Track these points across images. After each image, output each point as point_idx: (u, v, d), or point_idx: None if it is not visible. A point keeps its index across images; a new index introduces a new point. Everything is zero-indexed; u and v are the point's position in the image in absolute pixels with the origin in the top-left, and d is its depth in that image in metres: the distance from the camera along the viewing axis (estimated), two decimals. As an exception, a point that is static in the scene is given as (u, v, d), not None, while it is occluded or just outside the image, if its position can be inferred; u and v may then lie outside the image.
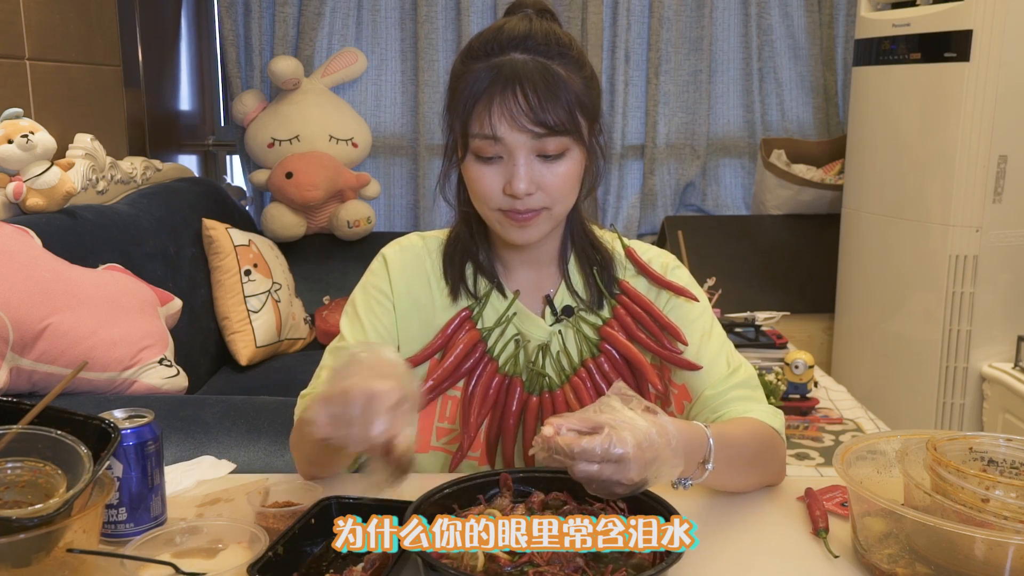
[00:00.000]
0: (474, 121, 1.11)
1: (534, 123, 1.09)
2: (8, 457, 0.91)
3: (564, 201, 1.16)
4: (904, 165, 2.84)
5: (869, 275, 3.04)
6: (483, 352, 1.23)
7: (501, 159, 1.12)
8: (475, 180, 1.14)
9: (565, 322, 1.25)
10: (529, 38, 1.12)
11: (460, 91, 1.13)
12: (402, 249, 1.27)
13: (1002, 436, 1.02)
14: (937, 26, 2.68)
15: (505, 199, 1.13)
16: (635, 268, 1.28)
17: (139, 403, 1.51)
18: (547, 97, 1.09)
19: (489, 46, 1.13)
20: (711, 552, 1.01)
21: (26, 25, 2.32)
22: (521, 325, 1.25)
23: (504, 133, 1.10)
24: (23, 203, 2.11)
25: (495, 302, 1.25)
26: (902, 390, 2.90)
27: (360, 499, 1.04)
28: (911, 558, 0.95)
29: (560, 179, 1.13)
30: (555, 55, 1.12)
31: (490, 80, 1.10)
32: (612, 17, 3.52)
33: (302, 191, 3.16)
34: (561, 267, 1.26)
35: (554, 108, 1.09)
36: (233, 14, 3.43)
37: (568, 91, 1.11)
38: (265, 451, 1.66)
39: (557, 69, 1.11)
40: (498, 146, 1.11)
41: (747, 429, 1.14)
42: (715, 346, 1.24)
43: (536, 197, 1.13)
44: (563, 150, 1.12)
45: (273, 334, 2.76)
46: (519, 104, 1.09)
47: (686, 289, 1.26)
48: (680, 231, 3.37)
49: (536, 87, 1.09)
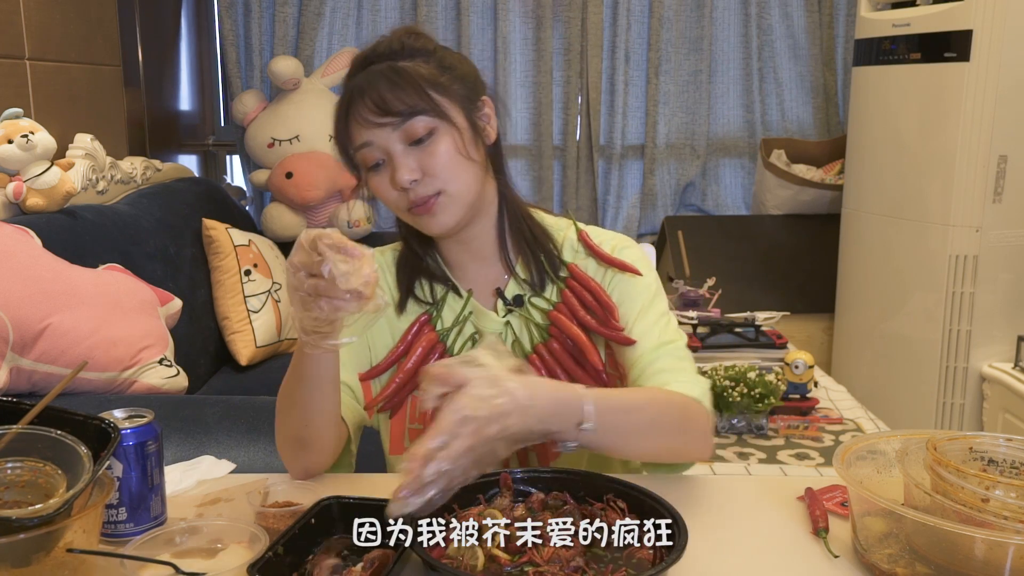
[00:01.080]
0: (348, 138, 1.19)
1: (383, 115, 1.14)
2: (8, 457, 0.91)
3: (455, 180, 1.18)
4: (904, 165, 2.84)
5: (869, 275, 3.04)
6: (442, 352, 1.27)
7: (384, 162, 1.17)
8: (375, 191, 1.21)
9: (516, 313, 1.28)
10: (374, 51, 1.19)
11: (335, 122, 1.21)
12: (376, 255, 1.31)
13: (1002, 436, 1.02)
14: (937, 26, 2.68)
15: (403, 196, 1.18)
16: (585, 250, 1.30)
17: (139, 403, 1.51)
18: (389, 88, 1.14)
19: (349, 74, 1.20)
20: (711, 552, 1.01)
21: (26, 25, 2.32)
22: (477, 322, 1.28)
23: (366, 135, 1.16)
24: (23, 203, 2.11)
25: (452, 303, 1.29)
26: (902, 390, 2.90)
27: (361, 499, 1.04)
28: (911, 558, 0.95)
29: (437, 158, 1.16)
30: (399, 55, 1.18)
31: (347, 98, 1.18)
32: (612, 17, 3.52)
33: (302, 191, 3.16)
34: (504, 259, 1.29)
35: (397, 95, 1.14)
36: (233, 14, 3.43)
37: (411, 77, 1.15)
38: (265, 451, 1.66)
39: (401, 65, 1.16)
40: (375, 151, 1.17)
41: (646, 395, 1.15)
42: (649, 320, 1.25)
43: (424, 183, 1.17)
44: (431, 129, 1.16)
45: (273, 334, 2.76)
46: (366, 104, 1.15)
47: (630, 264, 1.27)
48: (680, 231, 3.37)
49: (379, 85, 1.15)
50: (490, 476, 1.04)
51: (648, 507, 0.97)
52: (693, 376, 1.21)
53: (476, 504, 1.01)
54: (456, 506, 1.00)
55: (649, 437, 1.13)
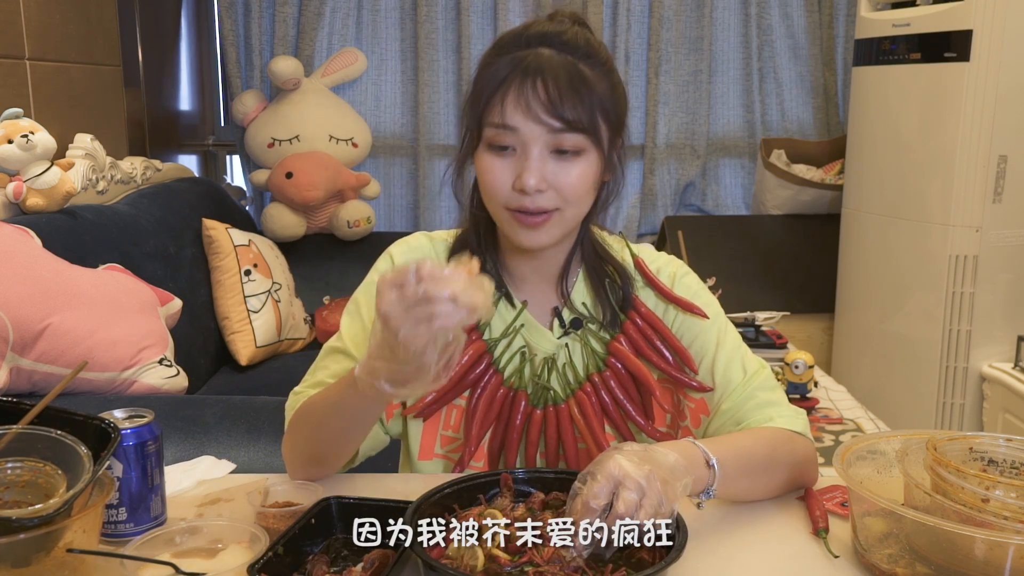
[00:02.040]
0: (490, 110, 1.08)
1: (552, 115, 1.06)
2: (8, 457, 0.91)
3: (577, 205, 1.12)
4: (904, 165, 2.84)
5: (869, 275, 3.04)
6: (488, 363, 1.20)
7: (514, 151, 1.09)
8: (485, 172, 1.10)
9: (573, 335, 1.22)
10: (559, 36, 1.09)
11: (482, 80, 1.10)
12: (410, 249, 1.25)
13: (1002, 436, 1.02)
14: (937, 26, 2.68)
15: (515, 196, 1.09)
16: (643, 280, 1.24)
17: (139, 403, 1.51)
18: (568, 91, 1.06)
19: (517, 40, 1.10)
20: (711, 552, 1.01)
21: (26, 25, 2.32)
22: (529, 336, 1.22)
23: (519, 123, 1.07)
24: (23, 203, 2.11)
25: (502, 311, 1.22)
26: (902, 390, 2.90)
27: (361, 499, 1.04)
28: (911, 558, 0.95)
29: (575, 180, 1.09)
30: (583, 56, 1.09)
31: (511, 69, 1.07)
32: (612, 17, 3.52)
33: (302, 191, 3.16)
34: (562, 283, 1.23)
35: (574, 103, 1.06)
36: (233, 14, 3.43)
37: (592, 91, 1.07)
38: (265, 451, 1.66)
39: (583, 69, 1.08)
40: (512, 136, 1.08)
41: (754, 437, 1.13)
42: (727, 355, 1.21)
43: (547, 196, 1.09)
44: (580, 149, 1.08)
45: (273, 334, 2.76)
46: (537, 94, 1.05)
47: (694, 305, 1.22)
48: (680, 231, 3.37)
49: (558, 80, 1.06)
50: (490, 476, 1.04)
51: None
52: (789, 408, 1.19)
53: (476, 504, 1.00)
54: (456, 506, 0.99)
55: (767, 476, 1.12)
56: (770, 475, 1.12)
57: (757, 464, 1.10)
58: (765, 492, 1.13)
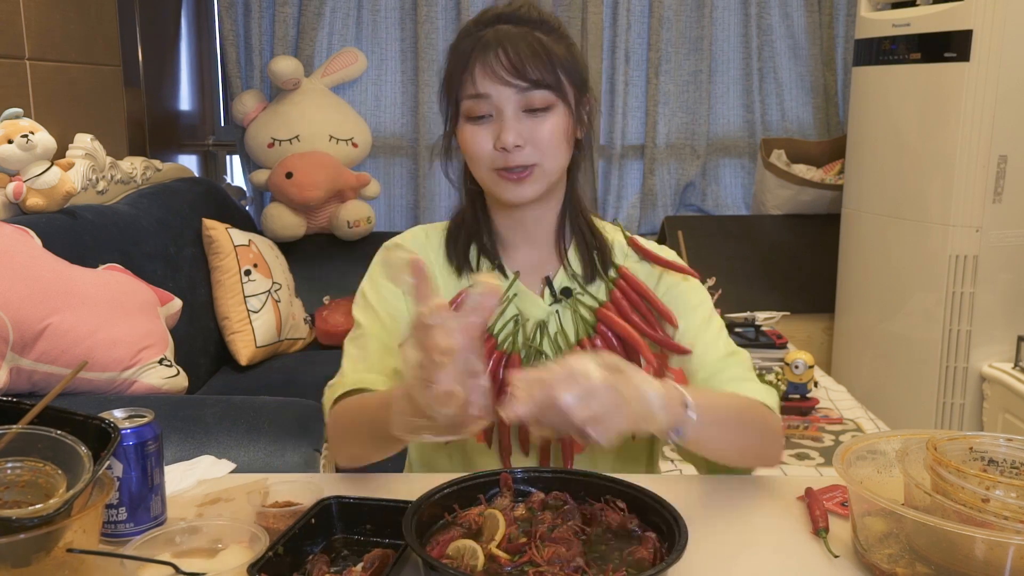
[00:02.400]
0: (464, 85, 1.19)
1: (517, 76, 1.16)
2: (8, 457, 0.91)
3: (553, 157, 1.21)
4: (904, 165, 2.84)
5: (869, 275, 3.04)
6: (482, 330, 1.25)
7: (491, 117, 1.19)
8: (468, 142, 1.20)
9: (564, 303, 1.28)
10: (514, 13, 1.22)
11: (450, 64, 1.22)
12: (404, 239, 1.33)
13: (1002, 436, 1.02)
14: (937, 26, 2.68)
15: (498, 156, 1.19)
16: (637, 254, 1.31)
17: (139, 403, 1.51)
18: (528, 54, 1.17)
19: (476, 24, 1.23)
20: (711, 552, 1.01)
21: (26, 25, 2.32)
22: (521, 305, 1.28)
23: (489, 89, 1.17)
24: (23, 203, 2.11)
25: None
26: (902, 390, 2.90)
27: (361, 499, 1.04)
28: (911, 558, 0.95)
29: (548, 133, 1.18)
30: (538, 26, 1.21)
31: (474, 45, 1.19)
32: (612, 17, 3.52)
33: (302, 191, 3.16)
34: (559, 249, 1.30)
35: (535, 64, 1.17)
36: (233, 14, 3.43)
37: (550, 53, 1.18)
38: (265, 451, 1.66)
39: (540, 36, 1.19)
40: (486, 104, 1.18)
41: (729, 395, 1.18)
42: (713, 330, 1.28)
43: (526, 152, 1.18)
44: (548, 104, 1.18)
45: (273, 334, 2.76)
46: (500, 60, 1.16)
47: (681, 265, 1.30)
48: (680, 231, 3.37)
49: (517, 46, 1.17)
50: (490, 476, 1.04)
51: (648, 507, 0.98)
52: (762, 385, 1.24)
53: (476, 504, 1.01)
54: (456, 506, 1.00)
55: (736, 434, 1.15)
56: (738, 433, 1.16)
57: (728, 418, 1.13)
58: (733, 451, 1.16)
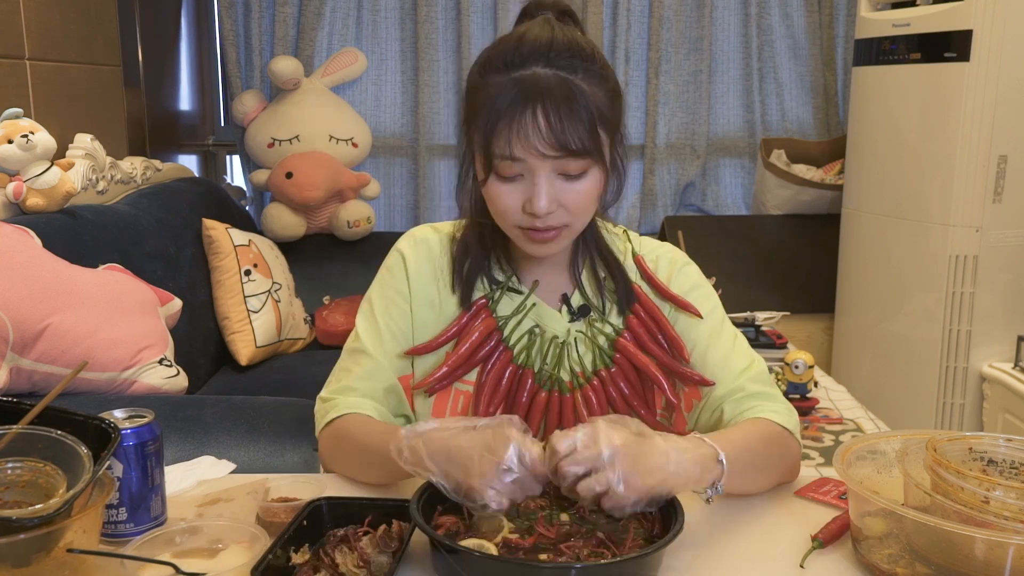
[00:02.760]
0: (496, 141, 1.10)
1: (555, 147, 1.08)
2: (8, 457, 0.91)
3: (584, 218, 1.17)
4: (904, 165, 2.84)
5: (869, 275, 3.04)
6: (499, 340, 1.24)
7: (522, 177, 1.12)
8: (496, 198, 1.14)
9: (581, 322, 1.26)
10: (551, 49, 1.10)
11: (480, 105, 1.11)
12: (416, 244, 1.28)
13: (1002, 436, 1.03)
14: (937, 26, 2.68)
15: (525, 216, 1.13)
16: (642, 277, 1.28)
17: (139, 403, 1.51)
18: (568, 117, 1.07)
19: (509, 57, 1.11)
20: (710, 552, 1.01)
21: (26, 25, 2.32)
22: (539, 318, 1.26)
23: (523, 155, 1.09)
24: (23, 203, 2.11)
25: (511, 293, 1.26)
26: (902, 390, 2.90)
27: (352, 499, 1.05)
28: (911, 558, 0.95)
29: (581, 196, 1.13)
30: (578, 68, 1.10)
31: (511, 99, 1.08)
32: (612, 17, 3.52)
33: (302, 191, 3.16)
34: (573, 271, 1.27)
35: (575, 129, 1.08)
36: (233, 14, 3.43)
37: (590, 107, 1.09)
38: (265, 451, 1.66)
39: (580, 84, 1.09)
40: (519, 165, 1.10)
41: (753, 431, 1.15)
42: (724, 345, 1.25)
43: (557, 215, 1.13)
44: (584, 170, 1.12)
45: (273, 334, 2.76)
46: (539, 127, 1.07)
47: (689, 304, 1.26)
48: (680, 231, 3.37)
49: (558, 106, 1.07)
50: None
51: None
52: (781, 403, 1.22)
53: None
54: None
55: (762, 471, 1.14)
56: (767, 471, 1.15)
57: (758, 460, 1.12)
58: (759, 488, 1.16)
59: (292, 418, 1.75)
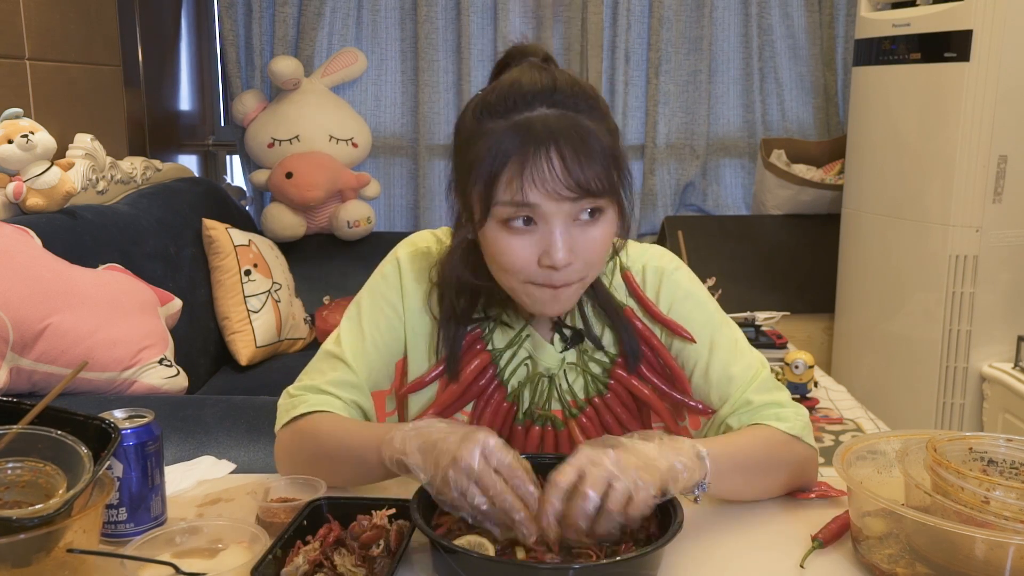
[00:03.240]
0: (501, 187, 1.00)
1: (573, 188, 0.99)
2: (8, 457, 0.91)
3: (598, 268, 1.10)
4: (904, 165, 2.84)
5: (869, 275, 3.04)
6: (493, 375, 1.19)
7: (533, 227, 1.02)
8: (503, 252, 1.04)
9: (574, 353, 1.20)
10: (555, 90, 1.02)
11: (481, 153, 1.01)
12: (416, 255, 1.21)
13: (1002, 436, 1.02)
14: (937, 26, 2.68)
15: (541, 272, 1.04)
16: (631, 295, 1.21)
17: (139, 403, 1.51)
18: (584, 156, 0.99)
19: (509, 101, 1.02)
20: (710, 552, 1.01)
21: (26, 25, 2.32)
22: (532, 349, 1.20)
23: (538, 199, 1.00)
24: (23, 203, 2.11)
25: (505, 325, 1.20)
26: (902, 390, 2.90)
27: (352, 499, 1.05)
28: (911, 558, 0.95)
29: (596, 244, 1.05)
30: (583, 108, 1.03)
31: (519, 141, 0.99)
32: (612, 17, 3.52)
33: (302, 191, 3.16)
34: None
35: (590, 168, 1.00)
36: (233, 14, 3.43)
37: (602, 145, 1.01)
38: (265, 451, 1.66)
39: (586, 123, 1.02)
40: (530, 213, 1.01)
41: (748, 433, 1.13)
42: (724, 358, 1.19)
43: (574, 267, 1.04)
44: (600, 213, 1.04)
45: (273, 334, 2.76)
46: (554, 167, 0.98)
47: (681, 328, 1.19)
48: (680, 231, 3.37)
49: (572, 145, 0.99)
50: None
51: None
52: (788, 409, 1.16)
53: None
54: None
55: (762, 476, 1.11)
56: (768, 474, 1.12)
57: (753, 462, 1.10)
58: (764, 492, 1.13)
59: (292, 418, 1.75)
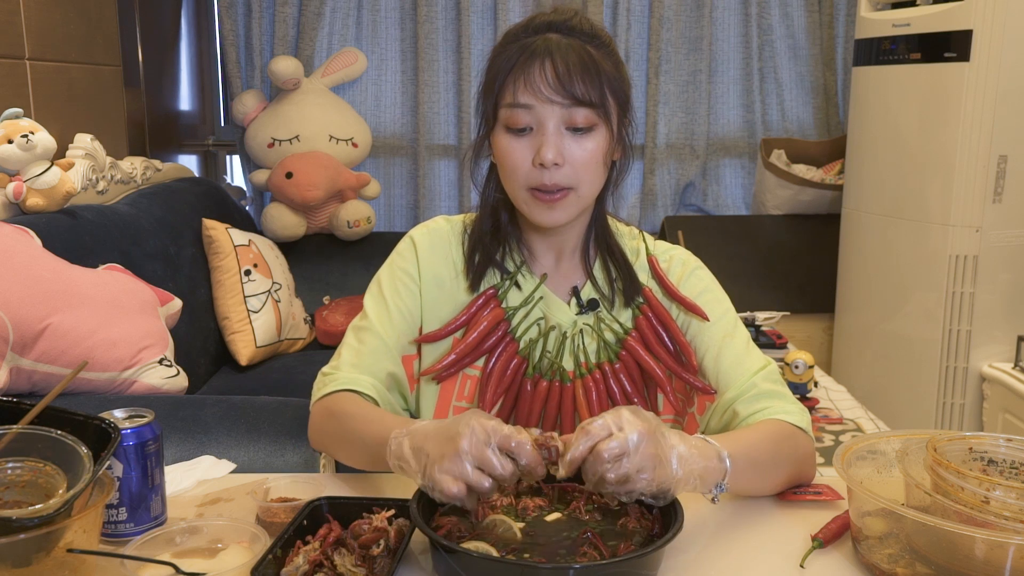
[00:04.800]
0: (505, 93, 1.15)
1: (563, 92, 1.12)
2: (8, 457, 0.91)
3: (590, 182, 1.18)
4: (904, 165, 2.84)
5: (869, 275, 3.04)
6: (505, 331, 1.25)
7: (531, 130, 1.15)
8: (505, 153, 1.17)
9: (590, 315, 1.26)
10: (565, 23, 1.17)
11: (492, 69, 1.18)
12: (429, 232, 1.30)
13: (1002, 436, 1.03)
14: (937, 26, 2.68)
15: (534, 173, 1.15)
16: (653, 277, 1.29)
17: (139, 403, 1.51)
18: (578, 68, 1.12)
19: (524, 29, 1.18)
20: (709, 552, 1.01)
21: (26, 25, 2.32)
22: (547, 309, 1.27)
23: (532, 101, 1.13)
24: (23, 203, 2.11)
25: (520, 284, 1.27)
26: (902, 390, 2.90)
27: (352, 499, 1.05)
28: (911, 558, 0.95)
29: (587, 154, 1.15)
30: (589, 38, 1.16)
31: (521, 53, 1.14)
32: (612, 17, 3.52)
33: (302, 191, 3.16)
34: (585, 262, 1.28)
35: (584, 79, 1.12)
36: (233, 14, 3.43)
37: (599, 69, 1.14)
38: (265, 451, 1.66)
39: (590, 49, 1.15)
40: (527, 115, 1.14)
41: (760, 430, 1.15)
42: (737, 349, 1.25)
43: (564, 172, 1.15)
44: (591, 124, 1.15)
45: (273, 334, 2.76)
46: (547, 74, 1.12)
47: (696, 306, 1.27)
48: (680, 231, 3.37)
49: (567, 59, 1.12)
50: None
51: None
52: (793, 404, 1.21)
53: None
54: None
55: (772, 471, 1.13)
56: (775, 471, 1.14)
57: (764, 460, 1.12)
58: (770, 487, 1.15)
59: (292, 418, 1.75)
